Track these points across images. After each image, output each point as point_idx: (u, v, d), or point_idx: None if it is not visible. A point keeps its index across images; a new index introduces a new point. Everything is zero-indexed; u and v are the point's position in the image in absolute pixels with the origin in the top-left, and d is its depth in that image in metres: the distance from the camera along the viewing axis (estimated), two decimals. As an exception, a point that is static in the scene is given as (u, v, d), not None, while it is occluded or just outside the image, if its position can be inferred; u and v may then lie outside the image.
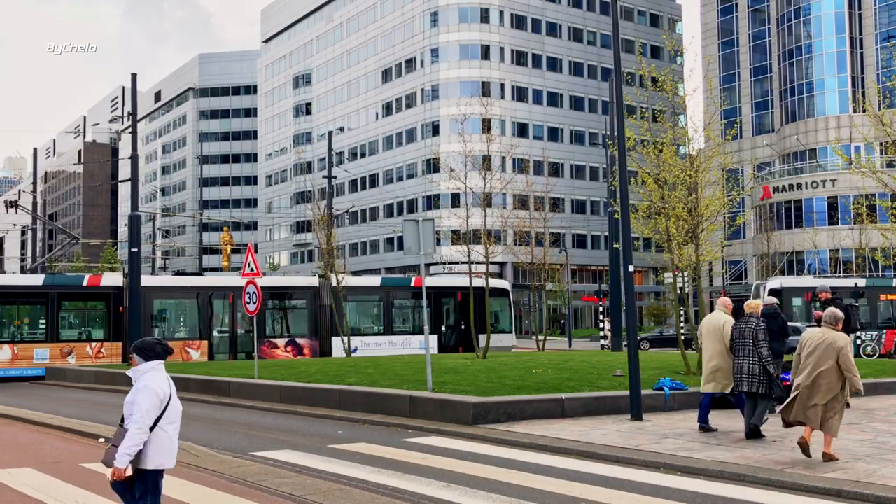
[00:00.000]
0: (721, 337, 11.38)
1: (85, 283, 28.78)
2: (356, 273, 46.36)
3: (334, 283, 28.86)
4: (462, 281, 31.00)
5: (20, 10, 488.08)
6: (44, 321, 27.53)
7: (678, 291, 23.30)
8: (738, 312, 11.75)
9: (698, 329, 12.68)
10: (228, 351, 29.28)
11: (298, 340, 30.10)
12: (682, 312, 29.88)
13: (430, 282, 29.29)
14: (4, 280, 28.60)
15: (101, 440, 11.69)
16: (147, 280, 28.98)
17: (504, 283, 35.17)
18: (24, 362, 26.46)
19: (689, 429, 11.77)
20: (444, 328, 32.31)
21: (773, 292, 33.41)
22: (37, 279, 28.99)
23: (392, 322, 31.90)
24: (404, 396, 13.83)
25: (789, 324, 30.82)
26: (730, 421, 12.54)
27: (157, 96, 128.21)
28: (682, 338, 18.36)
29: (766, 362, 10.81)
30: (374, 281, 33.56)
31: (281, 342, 29.97)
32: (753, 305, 11.36)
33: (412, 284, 32.00)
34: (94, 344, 27.60)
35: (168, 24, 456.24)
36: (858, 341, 29.57)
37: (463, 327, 31.86)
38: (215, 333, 29.00)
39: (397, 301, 32.27)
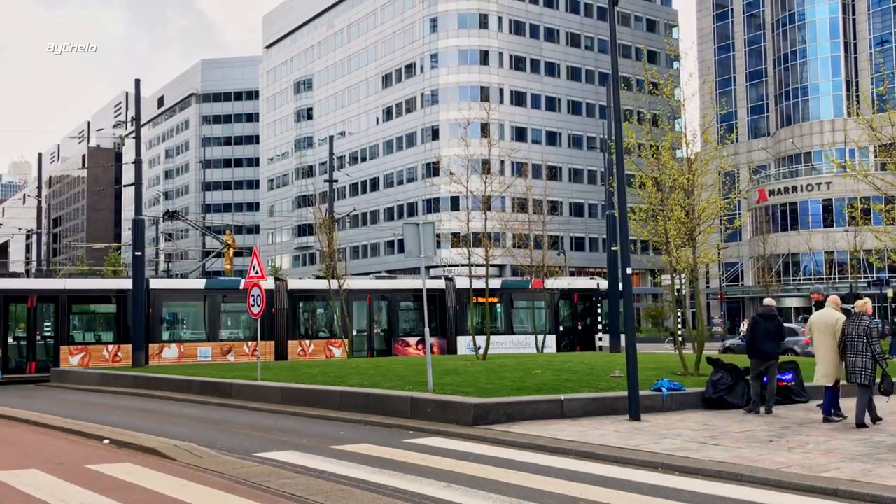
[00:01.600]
0: (833, 333, 12.29)
1: (241, 286, 29.10)
2: (356, 276, 46.40)
3: (459, 287, 31.37)
4: (583, 283, 34.91)
5: (25, 17, 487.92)
6: (205, 322, 29.35)
7: (676, 293, 23.29)
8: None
9: (807, 325, 13.28)
10: (366, 349, 30.86)
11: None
12: (679, 314, 29.89)
13: (551, 284, 32.41)
14: (172, 284, 31.02)
15: (106, 441, 11.68)
16: (293, 284, 31.34)
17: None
18: (189, 360, 28.02)
19: (687, 429, 11.76)
20: (561, 328, 33.84)
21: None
22: (199, 283, 31.05)
23: (512, 322, 33.59)
24: (405, 398, 13.82)
25: (786, 325, 30.82)
26: (727, 420, 12.54)
27: (161, 101, 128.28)
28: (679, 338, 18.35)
29: (879, 358, 11.66)
30: (497, 283, 34.30)
31: (412, 341, 31.30)
32: (861, 304, 12.23)
33: (530, 287, 32.74)
34: (250, 343, 28.74)
35: (172, 31, 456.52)
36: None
37: (580, 328, 33.89)
38: (355, 333, 30.04)
39: (517, 302, 33.88)
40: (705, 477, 8.80)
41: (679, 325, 30.32)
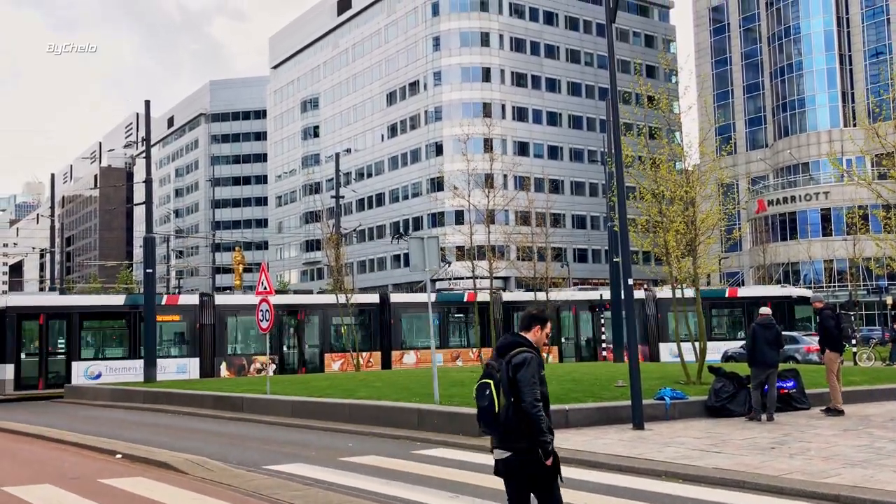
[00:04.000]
0: None
1: (465, 299, 32.35)
2: (363, 290, 46.48)
3: (660, 296, 32.60)
4: (774, 291, 35.75)
5: (38, 43, 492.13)
6: (438, 330, 31.70)
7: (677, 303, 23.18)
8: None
9: None
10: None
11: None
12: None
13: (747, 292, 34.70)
14: (409, 298, 33.40)
15: (119, 456, 11.68)
16: (507, 296, 33.78)
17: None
18: (425, 364, 29.35)
19: (690, 437, 11.72)
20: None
21: None
22: (431, 297, 31.51)
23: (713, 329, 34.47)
24: (412, 409, 13.80)
25: (787, 333, 30.71)
26: (729, 428, 12.49)
27: (171, 122, 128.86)
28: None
29: None
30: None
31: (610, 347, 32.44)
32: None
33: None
34: (474, 349, 30.39)
35: (182, 55, 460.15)
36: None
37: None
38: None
39: (714, 310, 34.85)
40: (708, 484, 8.77)
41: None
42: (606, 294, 31.13)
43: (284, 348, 30.66)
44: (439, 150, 76.06)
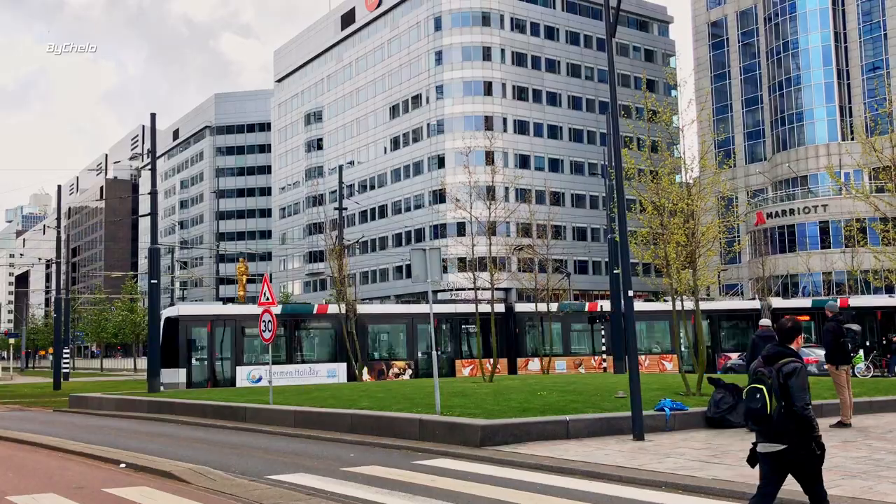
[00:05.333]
0: None
1: (587, 308, 34.55)
2: (365, 300, 46.50)
3: (776, 306, 33.57)
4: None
5: (47, 57, 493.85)
6: (561, 339, 33.47)
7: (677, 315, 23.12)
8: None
9: None
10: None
11: None
12: (681, 336, 29.74)
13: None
14: (534, 308, 33.91)
15: (123, 465, 11.65)
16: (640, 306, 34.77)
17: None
18: (551, 371, 30.63)
19: (690, 448, 11.68)
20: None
21: None
22: (552, 307, 34.11)
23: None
24: (414, 420, 13.76)
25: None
26: (729, 439, 12.44)
27: (176, 134, 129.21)
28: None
29: None
30: (806, 302, 37.14)
31: (734, 355, 32.74)
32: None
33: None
34: (596, 357, 31.37)
35: (188, 70, 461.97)
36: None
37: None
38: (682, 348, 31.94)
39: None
40: (708, 495, 8.73)
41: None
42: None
43: (419, 354, 32.04)
44: (441, 162, 76.18)
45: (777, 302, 36.51)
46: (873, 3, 67.39)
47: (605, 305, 33.08)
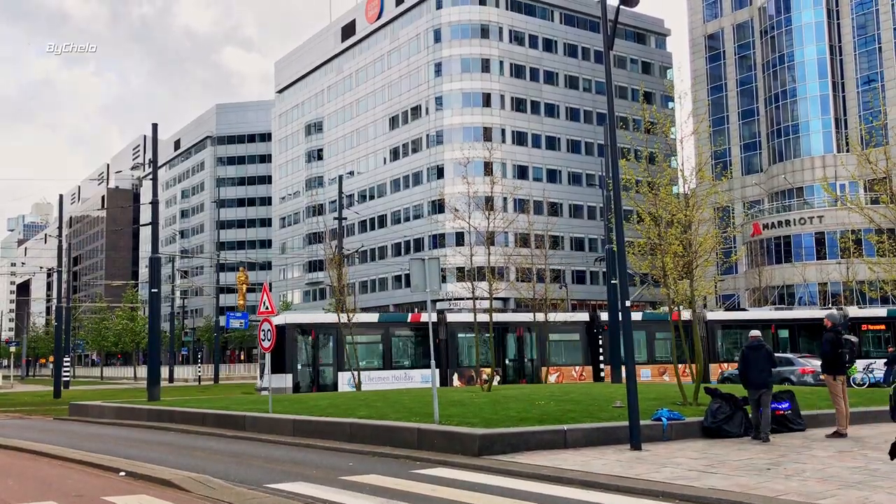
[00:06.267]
0: None
1: (670, 318, 33.20)
2: (365, 310, 46.46)
3: (853, 315, 33.83)
4: None
5: (50, 68, 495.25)
6: (646, 347, 34.02)
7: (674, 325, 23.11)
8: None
9: None
10: None
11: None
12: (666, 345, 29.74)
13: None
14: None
15: (122, 474, 11.61)
16: (710, 315, 35.57)
17: None
18: (655, 378, 31.59)
19: (687, 458, 11.65)
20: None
21: None
22: (637, 315, 35.01)
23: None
24: (412, 429, 13.73)
25: (782, 354, 30.57)
26: (726, 449, 12.42)
27: (177, 144, 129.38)
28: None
29: None
30: (881, 312, 37.51)
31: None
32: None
33: None
34: (681, 365, 31.93)
35: (190, 82, 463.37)
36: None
37: None
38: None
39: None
40: (705, 505, 8.71)
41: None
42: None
43: (507, 361, 33.12)
44: (440, 173, 76.29)
45: (854, 311, 36.56)
46: (868, 17, 67.70)
47: (685, 315, 33.74)
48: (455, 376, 32.02)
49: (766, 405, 13.65)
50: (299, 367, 30.14)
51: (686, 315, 33.95)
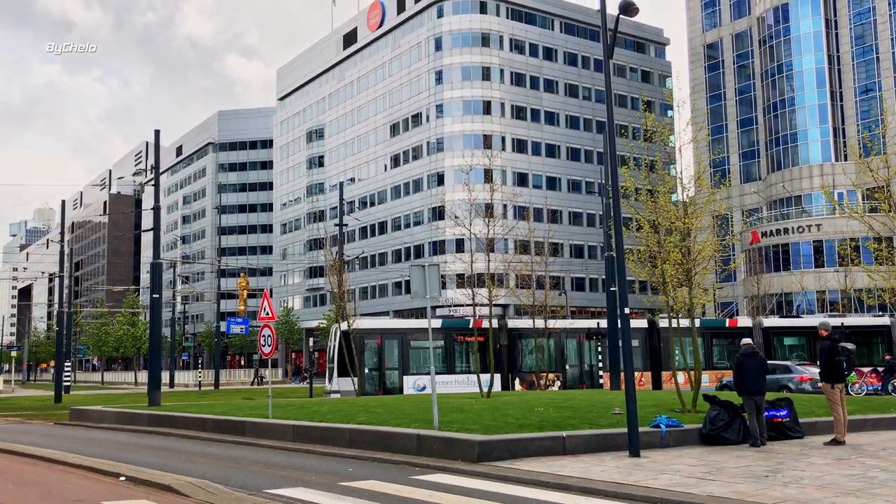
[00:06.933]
0: None
1: (727, 325, 36.26)
2: (365, 316, 46.50)
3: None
4: None
5: (53, 75, 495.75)
6: (704, 353, 34.18)
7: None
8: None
9: None
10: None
11: None
12: (676, 353, 29.70)
13: None
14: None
15: (123, 478, 11.60)
16: (767, 322, 36.25)
17: None
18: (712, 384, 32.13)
19: (686, 465, 11.63)
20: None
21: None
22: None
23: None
24: (412, 435, 13.71)
25: (780, 362, 30.53)
26: (724, 456, 12.40)
27: (179, 150, 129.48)
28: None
29: None
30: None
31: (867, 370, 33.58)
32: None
33: None
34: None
35: (192, 90, 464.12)
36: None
37: None
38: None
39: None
40: (704, 512, 8.69)
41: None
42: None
43: (567, 367, 34.00)
44: (441, 180, 76.33)
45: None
46: (866, 27, 67.85)
47: (745, 321, 35.45)
48: (517, 381, 32.85)
49: (761, 412, 13.73)
50: (366, 371, 31.00)
51: (746, 322, 34.67)
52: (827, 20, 68.70)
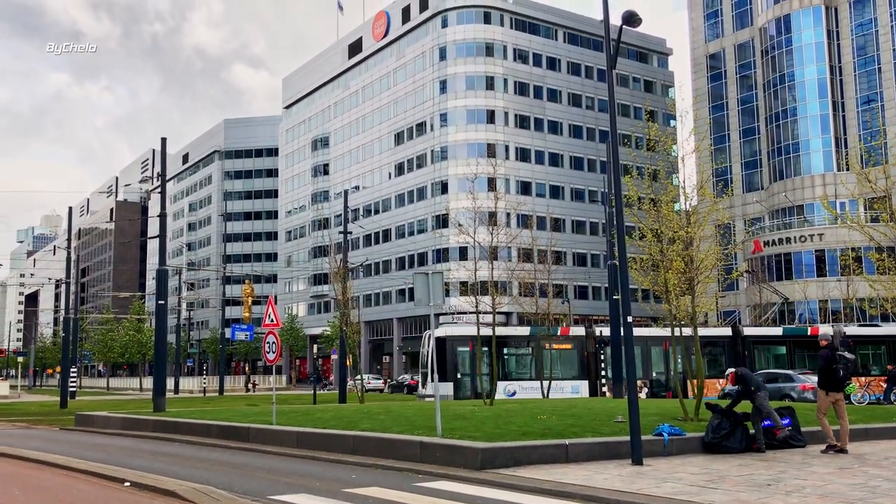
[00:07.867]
0: None
1: (808, 332, 36.33)
2: (369, 323, 46.35)
3: None
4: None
5: (60, 83, 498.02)
6: (787, 360, 35.17)
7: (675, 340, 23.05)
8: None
9: None
10: None
11: None
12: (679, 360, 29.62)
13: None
14: (759, 332, 36.99)
15: (127, 484, 11.58)
16: (849, 330, 36.04)
17: None
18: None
19: (688, 473, 11.59)
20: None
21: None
22: (777, 330, 37.48)
23: None
24: (415, 442, 13.68)
25: (782, 371, 30.39)
26: (726, 465, 12.36)
27: (185, 158, 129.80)
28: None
29: None
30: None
31: None
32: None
33: None
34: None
35: (199, 99, 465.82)
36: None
37: None
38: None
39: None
40: (706, 520, 8.65)
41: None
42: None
43: (654, 374, 34.27)
44: (445, 188, 76.40)
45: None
46: (868, 38, 67.87)
47: (826, 329, 35.03)
48: (605, 388, 33.12)
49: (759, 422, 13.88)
50: (459, 376, 31.46)
51: (827, 330, 34.61)
52: (829, 31, 68.75)
